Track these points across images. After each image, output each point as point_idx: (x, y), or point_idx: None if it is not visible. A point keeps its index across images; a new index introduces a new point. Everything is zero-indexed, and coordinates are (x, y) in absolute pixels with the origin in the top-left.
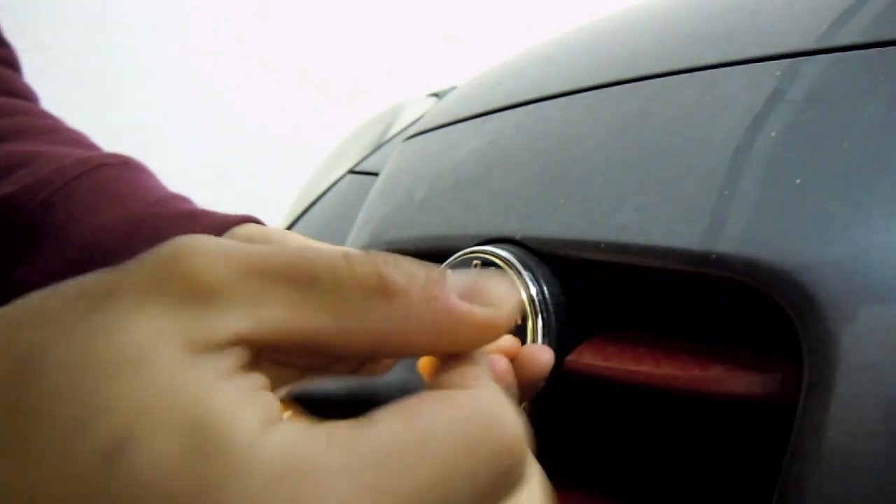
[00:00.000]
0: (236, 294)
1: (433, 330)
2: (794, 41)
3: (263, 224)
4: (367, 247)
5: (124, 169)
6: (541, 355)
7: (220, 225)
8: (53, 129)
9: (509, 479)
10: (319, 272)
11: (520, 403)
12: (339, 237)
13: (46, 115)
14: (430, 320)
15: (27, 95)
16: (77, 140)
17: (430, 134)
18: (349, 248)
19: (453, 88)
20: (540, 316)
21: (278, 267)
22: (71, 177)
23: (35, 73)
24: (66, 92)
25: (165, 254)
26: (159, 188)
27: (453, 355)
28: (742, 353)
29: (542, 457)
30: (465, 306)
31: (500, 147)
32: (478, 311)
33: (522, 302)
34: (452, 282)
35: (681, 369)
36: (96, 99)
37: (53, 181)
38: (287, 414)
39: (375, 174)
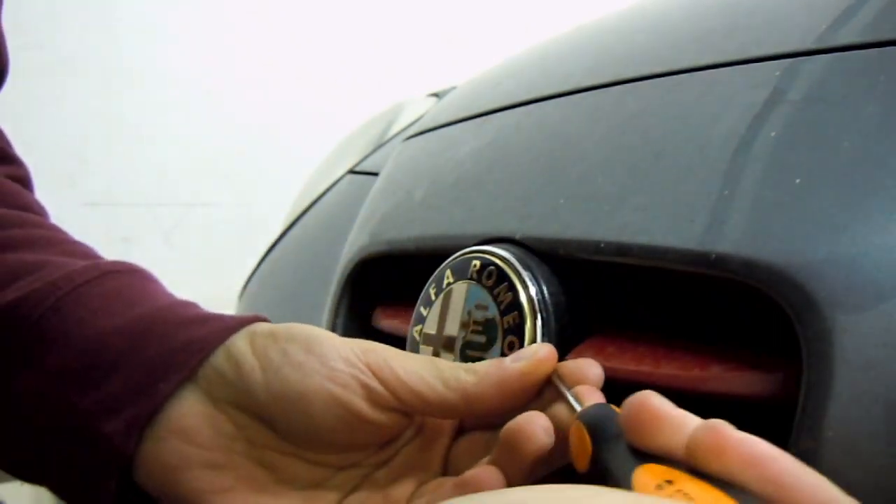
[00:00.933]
0: None
1: None
2: (794, 41)
3: (269, 321)
4: (366, 246)
5: (134, 277)
6: (588, 370)
7: (229, 327)
8: (63, 241)
9: None
10: None
11: None
12: (339, 237)
13: (56, 229)
14: None
15: (38, 211)
16: (84, 252)
17: (430, 134)
18: None
19: (453, 88)
20: (539, 316)
21: None
22: (80, 282)
23: (35, 73)
24: (66, 92)
25: None
26: (167, 295)
27: None
28: (742, 353)
29: None
30: None
31: (499, 147)
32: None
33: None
34: None
35: (681, 369)
36: (96, 99)
37: (62, 286)
38: None
39: (375, 174)
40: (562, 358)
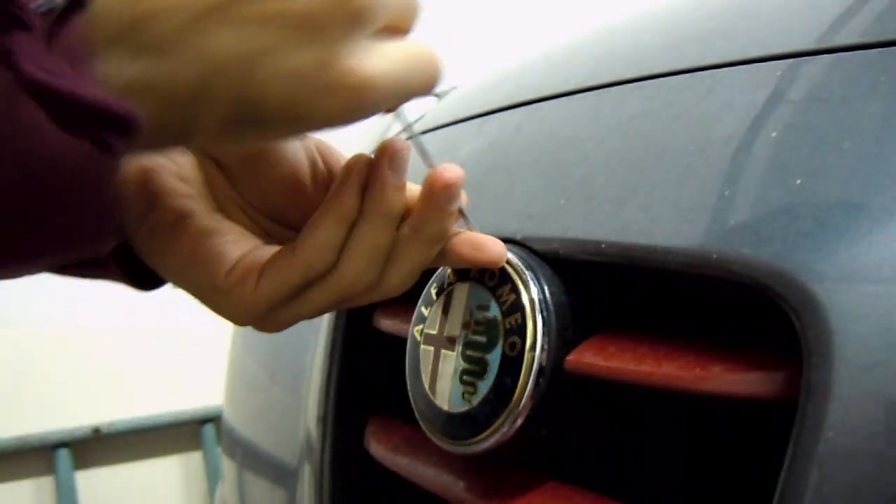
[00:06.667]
0: None
1: None
2: (795, 41)
3: None
4: None
5: None
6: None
7: None
8: None
9: None
10: None
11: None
12: None
13: None
14: None
15: None
16: None
17: (430, 134)
18: None
19: (453, 88)
20: (541, 316)
21: None
22: None
23: None
24: None
25: None
26: None
27: None
28: (743, 353)
29: (542, 456)
30: None
31: (500, 147)
32: None
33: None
34: None
35: (682, 369)
36: None
37: None
38: None
39: None
40: (563, 358)
